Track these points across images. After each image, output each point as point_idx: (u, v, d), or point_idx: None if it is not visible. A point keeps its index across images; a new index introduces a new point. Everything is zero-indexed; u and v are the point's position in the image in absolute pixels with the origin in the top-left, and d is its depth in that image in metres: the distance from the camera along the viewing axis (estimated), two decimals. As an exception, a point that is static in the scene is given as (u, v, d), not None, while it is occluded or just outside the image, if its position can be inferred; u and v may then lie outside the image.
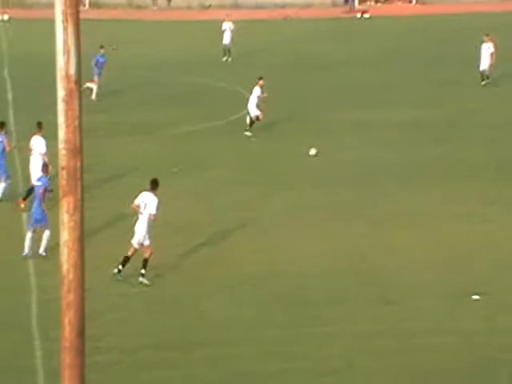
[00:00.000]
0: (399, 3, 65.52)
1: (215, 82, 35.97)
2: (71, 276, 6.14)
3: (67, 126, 6.11)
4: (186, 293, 16.12)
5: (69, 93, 6.06)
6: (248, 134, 27.81)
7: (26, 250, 17.37)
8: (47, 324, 13.83)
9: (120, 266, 16.17)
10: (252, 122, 27.82)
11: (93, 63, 32.75)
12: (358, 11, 61.34)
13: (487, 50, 33.49)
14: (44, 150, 20.29)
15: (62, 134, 6.11)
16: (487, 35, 34.00)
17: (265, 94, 27.75)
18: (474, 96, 32.65)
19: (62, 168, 6.13)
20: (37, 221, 17.46)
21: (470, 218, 19.63)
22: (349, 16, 60.29)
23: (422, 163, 24.03)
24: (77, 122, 6.11)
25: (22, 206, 19.89)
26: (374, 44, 46.30)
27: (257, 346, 14.09)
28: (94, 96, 32.56)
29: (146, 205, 16.23)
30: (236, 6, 60.19)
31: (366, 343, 14.14)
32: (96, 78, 33.02)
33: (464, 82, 34.74)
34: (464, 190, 21.59)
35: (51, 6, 6.11)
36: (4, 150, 20.86)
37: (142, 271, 16.13)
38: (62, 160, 6.11)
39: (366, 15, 60.12)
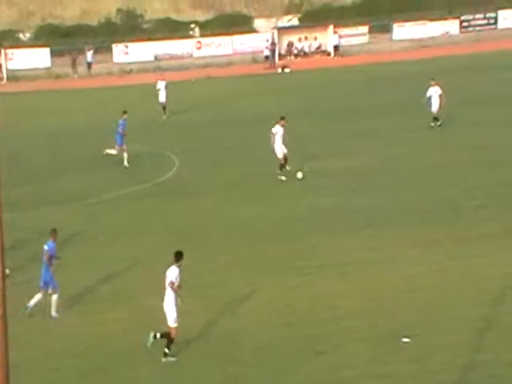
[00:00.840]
0: (318, 56, 67.30)
1: (140, 147, 36.28)
2: None
3: None
4: (119, 362, 16.03)
5: None
6: (283, 178, 28.24)
7: (31, 304, 17.94)
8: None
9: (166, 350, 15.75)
10: (282, 165, 27.97)
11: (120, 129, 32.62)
12: (279, 66, 62.73)
13: (435, 93, 35.01)
14: None
15: None
16: (433, 79, 35.64)
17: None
18: (393, 143, 33.62)
19: None
20: (46, 283, 18.01)
21: (394, 262, 20.09)
22: (270, 72, 61.59)
23: (345, 211, 24.60)
24: None
25: None
26: (296, 97, 47.42)
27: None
28: (126, 163, 32.39)
29: (166, 276, 15.98)
30: (159, 69, 60.90)
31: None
32: (123, 145, 32.59)
33: (381, 130, 35.86)
34: (387, 235, 22.11)
35: None
36: None
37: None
38: None
39: (287, 70, 61.49)
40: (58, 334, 17.57)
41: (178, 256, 16.09)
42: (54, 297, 17.98)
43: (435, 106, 35.14)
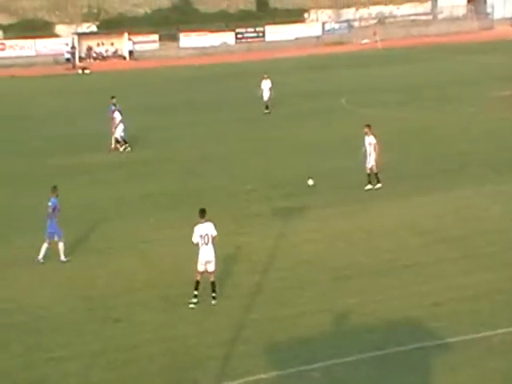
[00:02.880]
0: (115, 60, 66.09)
1: None
2: None
3: None
4: None
5: None
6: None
7: (40, 257, 18.51)
8: None
9: (195, 292, 15.85)
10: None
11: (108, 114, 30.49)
12: (79, 68, 60.92)
13: (267, 85, 37.95)
14: None
15: None
16: (266, 74, 38.60)
17: None
18: (178, 136, 33.80)
19: None
20: (52, 234, 18.58)
21: (180, 240, 20.13)
22: (71, 73, 59.66)
23: (135, 198, 24.33)
24: None
25: None
26: (94, 96, 46.29)
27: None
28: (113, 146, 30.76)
29: (207, 234, 15.78)
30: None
31: (101, 359, 14.10)
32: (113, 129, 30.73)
33: (169, 125, 35.89)
34: (173, 216, 22.16)
35: None
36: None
37: (214, 294, 15.99)
38: None
39: (87, 71, 59.87)
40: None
41: (204, 212, 15.97)
42: (61, 244, 18.65)
43: (266, 96, 37.83)
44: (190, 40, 71.05)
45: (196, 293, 15.96)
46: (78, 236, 20.72)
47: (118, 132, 31.07)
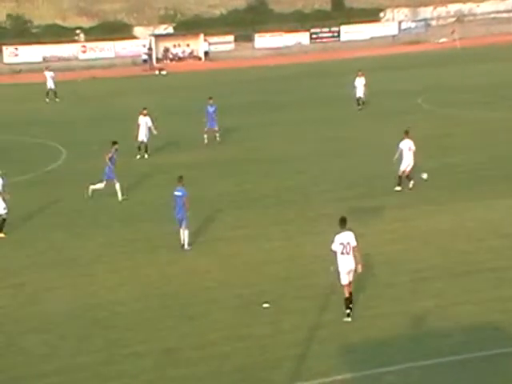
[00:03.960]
0: (190, 61, 66.97)
1: (29, 139, 34.98)
2: None
3: None
4: (7, 333, 15.30)
5: None
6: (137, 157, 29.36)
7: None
8: None
9: (348, 311, 15.08)
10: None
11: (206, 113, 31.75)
12: (156, 69, 61.99)
13: (361, 82, 38.14)
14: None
15: None
16: (360, 71, 38.43)
17: None
18: (255, 137, 33.95)
19: None
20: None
21: (256, 239, 20.27)
22: (148, 73, 60.78)
23: (212, 197, 24.53)
24: None
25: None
26: (171, 96, 47.03)
27: (78, 372, 13.66)
28: (218, 138, 32.10)
29: (348, 243, 14.98)
30: (47, 69, 58.80)
31: (176, 355, 14.25)
32: (209, 127, 31.79)
33: (245, 126, 36.05)
34: (249, 215, 22.30)
35: None
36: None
37: (348, 311, 15.13)
38: None
39: (164, 72, 60.88)
40: None
41: (344, 221, 15.22)
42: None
43: (359, 92, 38.23)
44: (264, 40, 71.27)
45: (348, 311, 15.07)
46: (154, 234, 21.03)
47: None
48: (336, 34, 73.59)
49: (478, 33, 73.22)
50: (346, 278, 15.11)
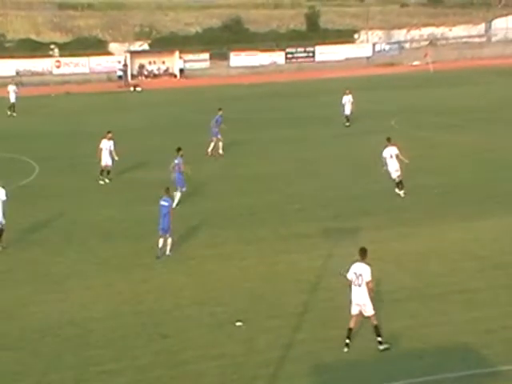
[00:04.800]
0: (166, 78, 67.06)
1: (2, 153, 34.72)
2: None
3: None
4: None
5: None
6: (101, 182, 28.69)
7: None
8: None
9: (347, 340, 14.82)
10: (102, 171, 27.83)
11: (212, 123, 33.45)
12: (131, 85, 61.96)
13: (349, 100, 39.66)
14: (4, 198, 21.43)
15: None
16: (348, 89, 40.03)
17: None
18: (229, 155, 34.06)
19: None
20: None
21: (230, 257, 20.35)
22: (123, 90, 60.71)
23: (189, 214, 24.59)
24: None
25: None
26: (146, 113, 47.03)
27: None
28: (221, 151, 33.37)
29: (360, 275, 14.69)
30: (21, 84, 58.60)
31: (149, 374, 14.22)
32: (219, 136, 33.39)
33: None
34: (223, 234, 22.38)
35: None
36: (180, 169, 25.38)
37: (379, 339, 14.79)
38: None
39: (139, 89, 60.85)
40: None
41: (365, 253, 14.95)
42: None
43: (348, 110, 39.66)
44: (240, 59, 71.70)
45: (348, 341, 14.84)
46: (127, 251, 21.01)
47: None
48: (311, 54, 74.28)
49: (451, 56, 74.47)
50: (355, 309, 14.95)
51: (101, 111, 48.45)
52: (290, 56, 73.77)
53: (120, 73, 64.67)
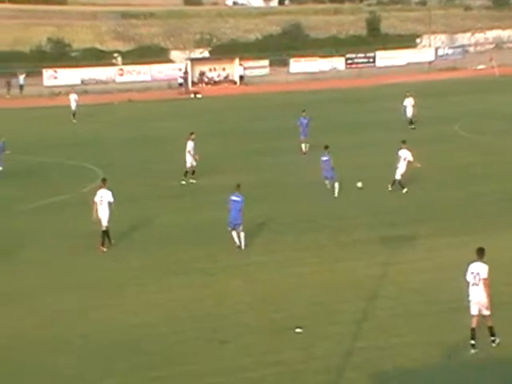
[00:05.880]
0: (226, 85, 67.63)
1: (66, 160, 35.56)
2: None
3: None
4: (35, 354, 15.44)
5: None
6: (183, 182, 29.85)
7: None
8: None
9: (472, 341, 14.71)
10: (186, 172, 29.58)
11: (298, 124, 35.03)
12: (192, 92, 62.71)
13: (410, 102, 40.05)
14: (112, 199, 21.86)
15: None
16: (408, 92, 40.81)
17: None
18: (288, 162, 34.07)
19: None
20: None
21: (288, 264, 20.29)
22: (184, 97, 61.50)
23: (245, 220, 24.52)
24: None
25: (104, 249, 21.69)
26: (206, 119, 47.51)
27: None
28: (304, 149, 34.75)
29: (478, 274, 14.73)
30: (85, 92, 60.05)
31: (205, 380, 14.22)
32: (303, 137, 34.83)
33: (276, 150, 36.22)
34: (280, 240, 22.36)
35: None
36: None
37: (492, 338, 14.87)
38: None
39: (199, 96, 61.56)
40: None
41: (482, 252, 14.99)
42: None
43: (409, 112, 39.98)
44: (299, 65, 71.72)
45: (473, 342, 14.65)
46: (187, 257, 21.21)
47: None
48: (371, 60, 73.74)
49: (517, 60, 72.79)
50: (474, 309, 14.82)
51: (162, 118, 49.17)
52: (349, 61, 73.43)
53: (181, 80, 65.50)
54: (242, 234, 21.34)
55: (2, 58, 66.21)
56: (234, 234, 21.48)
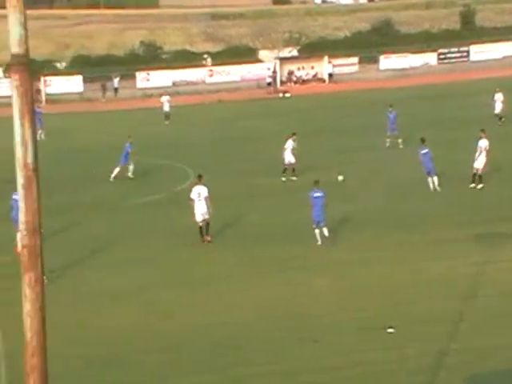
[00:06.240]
0: (314, 83, 67.47)
1: (159, 161, 36.42)
2: (34, 342, 6.07)
3: (27, 209, 5.97)
4: (138, 349, 15.82)
5: (27, 179, 5.95)
6: (283, 179, 30.15)
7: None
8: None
9: None
10: (285, 169, 29.58)
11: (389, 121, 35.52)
12: (280, 92, 62.91)
13: (499, 98, 39.97)
14: (207, 195, 22.59)
15: (22, 216, 5.99)
16: (498, 88, 40.49)
17: None
18: (376, 159, 33.68)
19: (23, 247, 6.06)
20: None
21: (376, 263, 20.08)
22: (272, 96, 61.78)
23: (332, 219, 24.53)
24: (35, 206, 5.97)
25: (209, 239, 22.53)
26: (295, 118, 47.56)
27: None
28: (401, 145, 35.03)
29: None
30: (177, 93, 61.28)
31: (298, 378, 14.27)
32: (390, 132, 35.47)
33: (368, 147, 35.88)
34: (365, 238, 22.16)
35: (10, 105, 6.13)
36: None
37: None
38: (23, 239, 6.01)
39: (287, 95, 61.67)
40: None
41: None
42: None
43: (498, 108, 39.95)
44: (389, 62, 70.68)
45: None
46: (279, 255, 21.34)
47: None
48: (465, 54, 71.84)
49: None
50: None
51: (251, 118, 49.57)
52: (442, 57, 71.76)
53: (269, 79, 65.81)
54: (326, 230, 21.41)
55: (98, 62, 68.42)
56: (317, 231, 21.62)
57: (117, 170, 31.76)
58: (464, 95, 51.80)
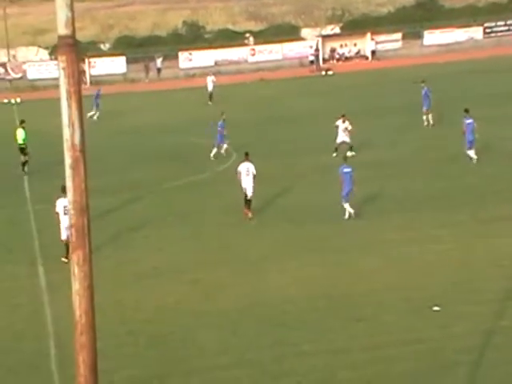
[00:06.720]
0: (357, 60, 66.73)
1: (203, 140, 36.49)
2: (83, 320, 6.12)
3: (74, 189, 6.03)
4: (183, 327, 16.06)
5: (75, 160, 5.98)
6: (334, 154, 29.72)
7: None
8: (65, 364, 13.66)
9: None
10: (336, 148, 29.75)
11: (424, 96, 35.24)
12: (323, 69, 62.41)
13: None
14: (255, 172, 23.49)
15: (70, 195, 6.07)
16: None
17: None
18: (423, 136, 33.25)
19: (71, 225, 6.11)
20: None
21: (425, 241, 19.90)
22: (315, 74, 61.33)
23: (380, 197, 24.41)
24: (83, 185, 6.03)
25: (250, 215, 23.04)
26: (339, 96, 47.15)
27: (247, 368, 14.09)
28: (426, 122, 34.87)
29: None
30: (219, 73, 61.23)
31: (344, 357, 14.32)
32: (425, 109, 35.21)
33: (412, 125, 35.42)
34: (416, 217, 21.95)
35: (57, 86, 6.14)
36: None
37: None
38: (72, 218, 6.07)
39: (330, 72, 61.14)
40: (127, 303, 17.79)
41: None
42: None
43: None
44: (434, 37, 69.42)
45: None
46: (320, 234, 21.26)
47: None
48: (512, 28, 70.13)
49: None
50: None
51: (294, 96, 49.31)
52: (488, 31, 70.18)
53: (312, 57, 65.31)
54: (348, 207, 21.96)
55: (142, 43, 68.75)
56: (347, 205, 21.96)
57: (215, 150, 32.17)
58: (510, 70, 50.59)
